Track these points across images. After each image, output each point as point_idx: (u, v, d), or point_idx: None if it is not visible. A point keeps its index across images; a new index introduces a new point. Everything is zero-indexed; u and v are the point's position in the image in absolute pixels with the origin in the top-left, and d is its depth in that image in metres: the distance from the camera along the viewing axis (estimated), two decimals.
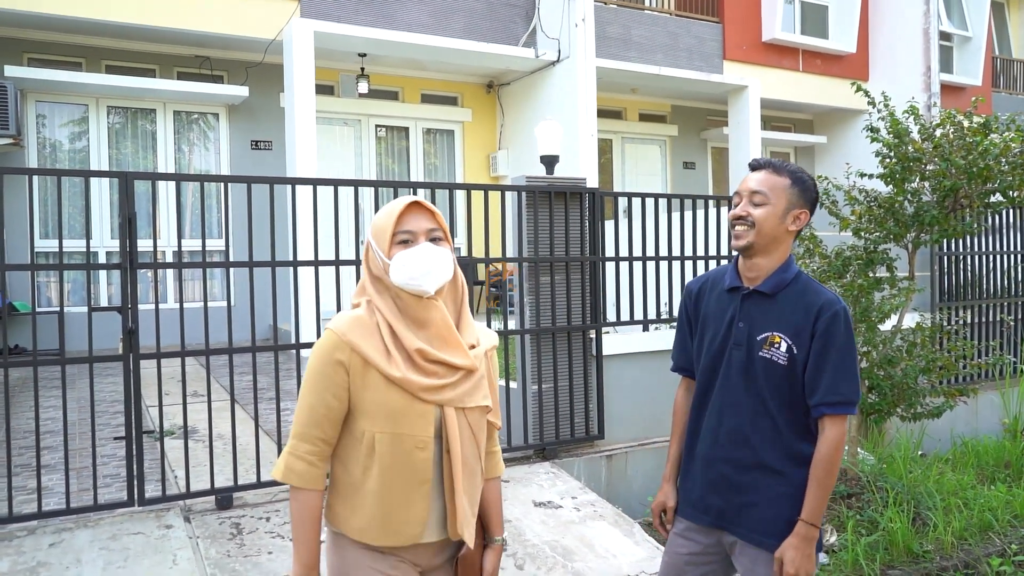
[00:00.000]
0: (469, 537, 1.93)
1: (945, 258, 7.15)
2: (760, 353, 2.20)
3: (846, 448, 5.02)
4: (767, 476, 2.21)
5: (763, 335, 2.20)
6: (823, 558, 4.13)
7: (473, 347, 1.96)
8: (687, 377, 2.47)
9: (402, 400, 1.85)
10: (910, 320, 5.17)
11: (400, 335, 1.87)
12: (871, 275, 4.66)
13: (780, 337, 2.17)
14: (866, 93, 4.85)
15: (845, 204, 5.07)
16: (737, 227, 2.22)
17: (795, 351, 2.16)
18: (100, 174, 3.90)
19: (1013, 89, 16.90)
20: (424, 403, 1.86)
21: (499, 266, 9.35)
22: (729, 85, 12.10)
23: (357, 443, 1.88)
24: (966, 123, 4.70)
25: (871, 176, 4.95)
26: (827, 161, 14.75)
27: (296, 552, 1.88)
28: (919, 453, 5.59)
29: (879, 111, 4.81)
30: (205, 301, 4.15)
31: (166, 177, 4.06)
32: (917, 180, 4.77)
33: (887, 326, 4.89)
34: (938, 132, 4.75)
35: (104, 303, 9.17)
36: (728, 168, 12.63)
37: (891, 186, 4.96)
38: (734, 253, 2.31)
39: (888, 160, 4.80)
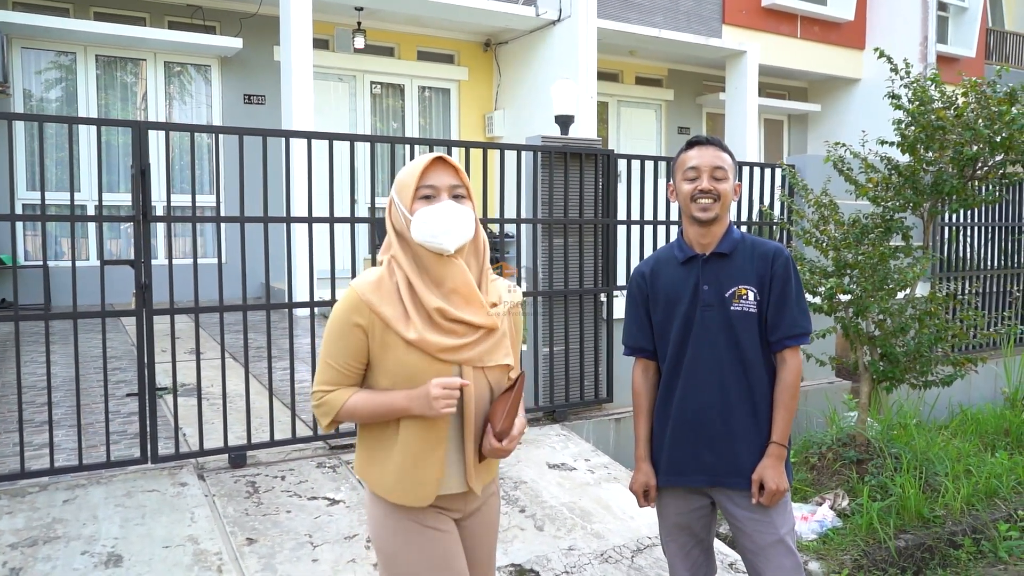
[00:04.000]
0: (478, 487, 2.00)
1: (945, 229, 7.17)
2: (732, 308, 2.38)
3: (855, 415, 5.07)
4: (748, 419, 2.40)
5: (731, 290, 2.39)
6: (835, 519, 4.18)
7: (495, 305, 1.95)
8: (642, 358, 2.58)
9: (421, 361, 1.86)
10: (919, 290, 5.19)
11: (420, 293, 1.87)
12: (888, 244, 4.65)
13: (746, 289, 2.38)
14: (889, 59, 4.79)
15: (860, 172, 5.04)
16: (703, 200, 2.38)
17: (759, 297, 2.39)
18: (113, 123, 3.77)
19: (1006, 61, 16.91)
20: (443, 363, 1.87)
21: (495, 227, 9.27)
22: (727, 50, 11.99)
23: None
24: (989, 92, 4.67)
25: (891, 144, 4.92)
26: (820, 129, 14.74)
27: (394, 411, 1.88)
28: (914, 421, 5.66)
29: (901, 77, 4.76)
30: (219, 257, 4.05)
31: (180, 128, 3.93)
32: (937, 149, 4.74)
33: (899, 295, 4.90)
34: (960, 100, 4.72)
35: (92, 258, 8.98)
36: (724, 134, 12.56)
37: (907, 154, 4.94)
38: (703, 218, 2.41)
39: (910, 128, 4.77)
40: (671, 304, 2.47)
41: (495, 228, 9.12)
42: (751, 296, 2.39)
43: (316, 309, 4.39)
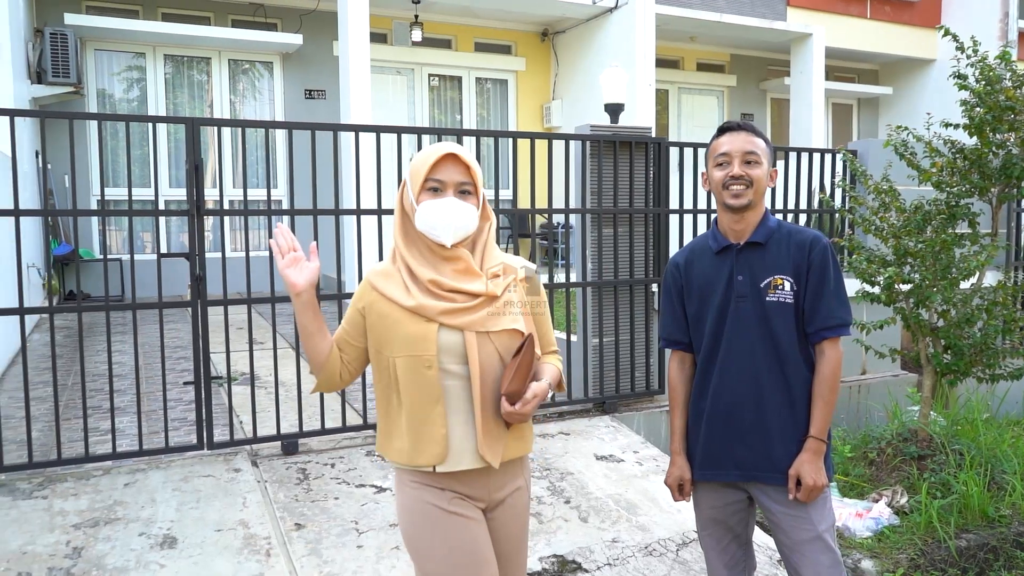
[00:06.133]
0: (493, 459, 1.97)
1: (1021, 215, 6.82)
2: (768, 298, 2.32)
3: (917, 409, 4.88)
4: (784, 412, 2.33)
5: (766, 281, 2.33)
6: (892, 516, 4.04)
7: (497, 276, 2.01)
8: (678, 351, 2.55)
9: (415, 327, 1.94)
10: (989, 279, 4.95)
11: (415, 269, 1.97)
12: (952, 231, 4.46)
13: (782, 279, 2.32)
14: (955, 38, 4.57)
15: (924, 156, 4.84)
16: (735, 187, 2.32)
17: (796, 288, 2.31)
18: (166, 120, 3.90)
19: None
20: (429, 324, 1.94)
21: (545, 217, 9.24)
22: (792, 33, 11.64)
23: (386, 374, 2.00)
24: None
25: (956, 126, 4.70)
26: (892, 113, 14.20)
27: (298, 317, 2.07)
28: (985, 416, 5.42)
29: (968, 56, 4.54)
30: (271, 250, 4.14)
31: (231, 123, 4.03)
32: (1005, 130, 4.51)
33: (965, 284, 4.69)
34: None
35: (163, 251, 9.32)
36: (788, 120, 12.23)
37: (975, 137, 4.71)
38: (733, 205, 2.35)
39: (976, 110, 4.55)
40: (705, 295, 2.42)
41: (544, 218, 9.09)
42: (787, 286, 2.31)
43: None
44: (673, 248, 5.33)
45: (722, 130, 2.40)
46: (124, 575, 3.08)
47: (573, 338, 5.20)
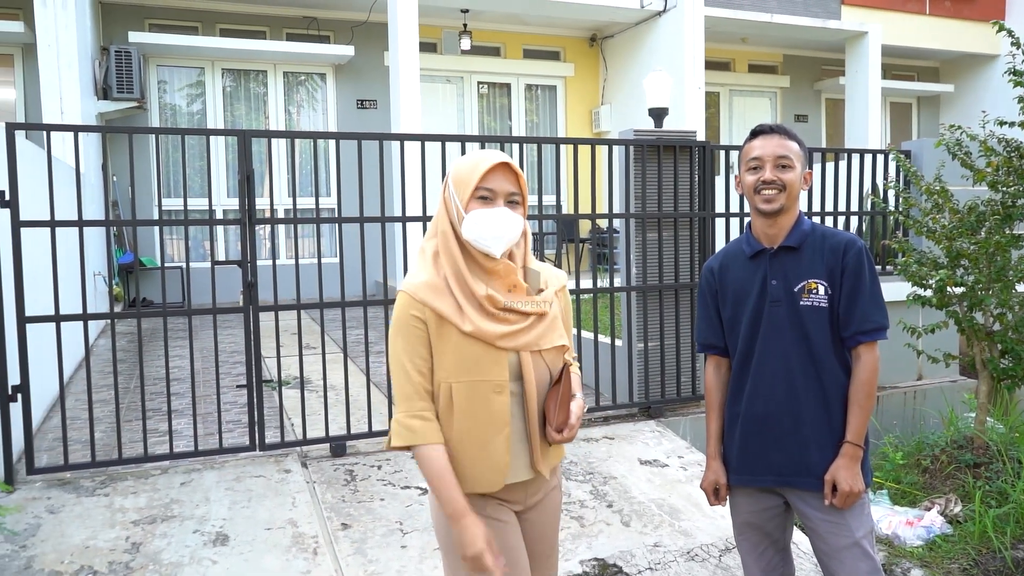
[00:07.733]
0: (547, 471, 2.03)
1: None
2: (802, 303, 2.30)
3: (973, 415, 4.75)
4: (819, 418, 2.31)
5: (800, 285, 2.31)
6: (945, 525, 3.94)
7: (541, 291, 2.01)
8: (714, 355, 2.54)
9: (478, 350, 1.91)
10: None
11: (469, 283, 1.91)
12: (1008, 231, 4.33)
13: (816, 283, 2.30)
14: (1010, 32, 4.44)
15: (980, 156, 4.70)
16: (767, 192, 2.31)
17: (830, 292, 2.30)
18: (219, 132, 4.05)
19: None
20: (500, 350, 1.92)
21: (599, 222, 9.24)
22: (847, 32, 11.41)
23: (436, 395, 1.95)
24: None
25: (1011, 124, 4.56)
26: (954, 111, 13.79)
27: (444, 505, 1.91)
28: None
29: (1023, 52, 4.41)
30: (319, 256, 4.27)
31: (281, 135, 4.17)
32: None
33: (1022, 287, 4.55)
34: None
35: (220, 258, 9.61)
36: (844, 121, 11.98)
37: None
38: (765, 210, 2.33)
39: None
40: (739, 300, 2.41)
41: (589, 223, 9.08)
42: (821, 290, 2.30)
43: None
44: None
45: (754, 133, 2.39)
46: (179, 570, 3.20)
47: (618, 343, 5.20)
